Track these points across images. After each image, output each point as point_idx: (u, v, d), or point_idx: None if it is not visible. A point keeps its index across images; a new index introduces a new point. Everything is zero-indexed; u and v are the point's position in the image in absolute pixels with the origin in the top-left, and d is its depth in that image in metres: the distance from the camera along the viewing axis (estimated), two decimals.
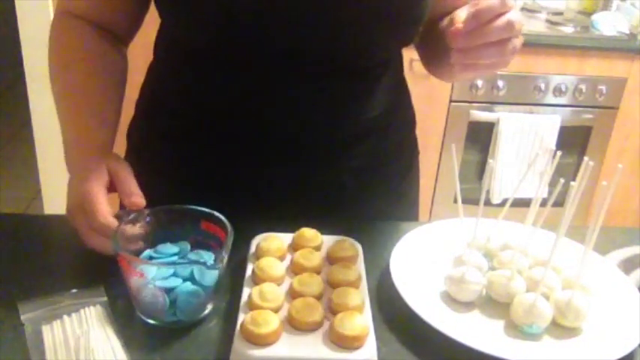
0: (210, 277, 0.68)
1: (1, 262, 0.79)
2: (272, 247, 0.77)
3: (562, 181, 0.71)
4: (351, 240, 0.81)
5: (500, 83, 2.17)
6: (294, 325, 0.66)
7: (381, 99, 0.91)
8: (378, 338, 0.66)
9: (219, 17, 0.77)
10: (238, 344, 0.64)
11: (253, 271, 0.74)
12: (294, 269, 0.75)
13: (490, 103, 2.21)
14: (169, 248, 0.74)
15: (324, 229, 0.81)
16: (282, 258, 0.77)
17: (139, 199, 0.73)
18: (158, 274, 0.68)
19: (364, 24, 0.79)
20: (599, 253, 0.82)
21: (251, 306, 0.68)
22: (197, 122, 0.89)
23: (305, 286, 0.71)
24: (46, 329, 0.66)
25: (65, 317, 0.68)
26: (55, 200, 2.38)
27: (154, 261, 0.72)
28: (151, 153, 0.93)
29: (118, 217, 0.72)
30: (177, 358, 0.66)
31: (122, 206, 0.75)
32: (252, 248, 0.79)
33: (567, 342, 0.70)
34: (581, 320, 0.71)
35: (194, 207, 0.74)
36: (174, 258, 0.73)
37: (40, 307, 0.68)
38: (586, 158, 0.74)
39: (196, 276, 0.68)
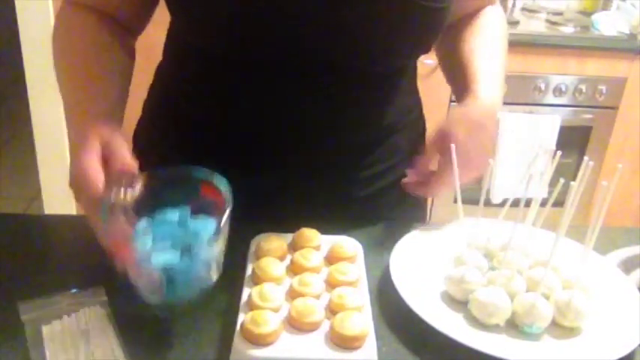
0: (211, 250, 0.64)
1: (1, 262, 0.79)
2: (272, 247, 0.77)
3: (562, 181, 0.72)
4: (351, 240, 0.81)
5: None
6: (294, 325, 0.66)
7: (395, 107, 0.90)
8: (378, 338, 0.66)
9: (232, 23, 0.77)
10: (238, 344, 0.64)
11: (253, 271, 0.74)
12: (294, 269, 0.75)
13: None
14: (168, 215, 0.68)
15: (324, 229, 0.81)
16: (282, 258, 0.77)
17: (129, 165, 0.68)
18: (153, 249, 0.64)
19: (384, 31, 0.79)
20: (599, 253, 0.82)
21: (251, 306, 0.68)
22: (206, 125, 0.88)
23: (305, 286, 0.71)
24: (46, 329, 0.66)
25: (65, 317, 0.68)
26: (55, 200, 2.38)
27: (147, 236, 0.66)
28: (159, 158, 0.93)
29: (106, 186, 0.66)
30: (177, 358, 0.66)
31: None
32: (252, 248, 0.79)
33: (567, 342, 0.70)
34: (581, 320, 0.71)
35: (192, 168, 0.69)
36: (174, 226, 0.68)
37: (40, 307, 0.68)
38: (586, 158, 0.74)
39: (195, 250, 0.64)
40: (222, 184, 0.68)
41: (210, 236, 0.64)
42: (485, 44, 0.92)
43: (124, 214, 0.66)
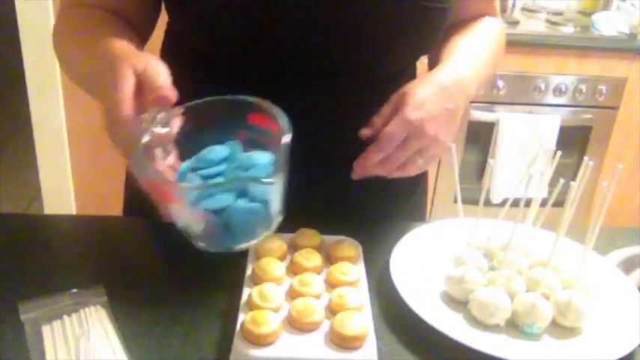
0: (270, 186, 0.55)
1: (1, 262, 0.79)
2: (272, 247, 0.77)
3: (562, 181, 0.72)
4: (351, 240, 0.81)
5: (500, 83, 2.17)
6: (294, 325, 0.66)
7: None
8: (378, 338, 0.66)
9: (232, 26, 0.77)
10: (238, 344, 0.64)
11: (253, 271, 0.74)
12: (294, 269, 0.75)
13: (490, 103, 2.21)
14: (216, 153, 0.60)
15: (324, 229, 0.81)
16: (282, 258, 0.77)
17: (165, 91, 0.58)
18: (203, 194, 0.55)
19: (385, 32, 0.79)
20: (599, 253, 0.82)
21: (251, 306, 0.68)
22: None
23: (305, 286, 0.71)
24: (46, 329, 0.66)
25: (65, 317, 0.68)
26: (55, 200, 2.38)
27: (194, 177, 0.58)
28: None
29: (142, 125, 0.56)
30: (177, 358, 0.66)
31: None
32: (253, 248, 0.79)
33: (567, 342, 0.70)
34: (581, 320, 0.71)
35: (238, 97, 0.60)
36: (223, 166, 0.59)
37: (40, 307, 0.68)
38: (586, 158, 0.74)
39: (251, 190, 0.55)
40: (275, 109, 0.60)
41: (267, 170, 0.56)
42: (472, 43, 0.91)
43: (165, 152, 0.58)
